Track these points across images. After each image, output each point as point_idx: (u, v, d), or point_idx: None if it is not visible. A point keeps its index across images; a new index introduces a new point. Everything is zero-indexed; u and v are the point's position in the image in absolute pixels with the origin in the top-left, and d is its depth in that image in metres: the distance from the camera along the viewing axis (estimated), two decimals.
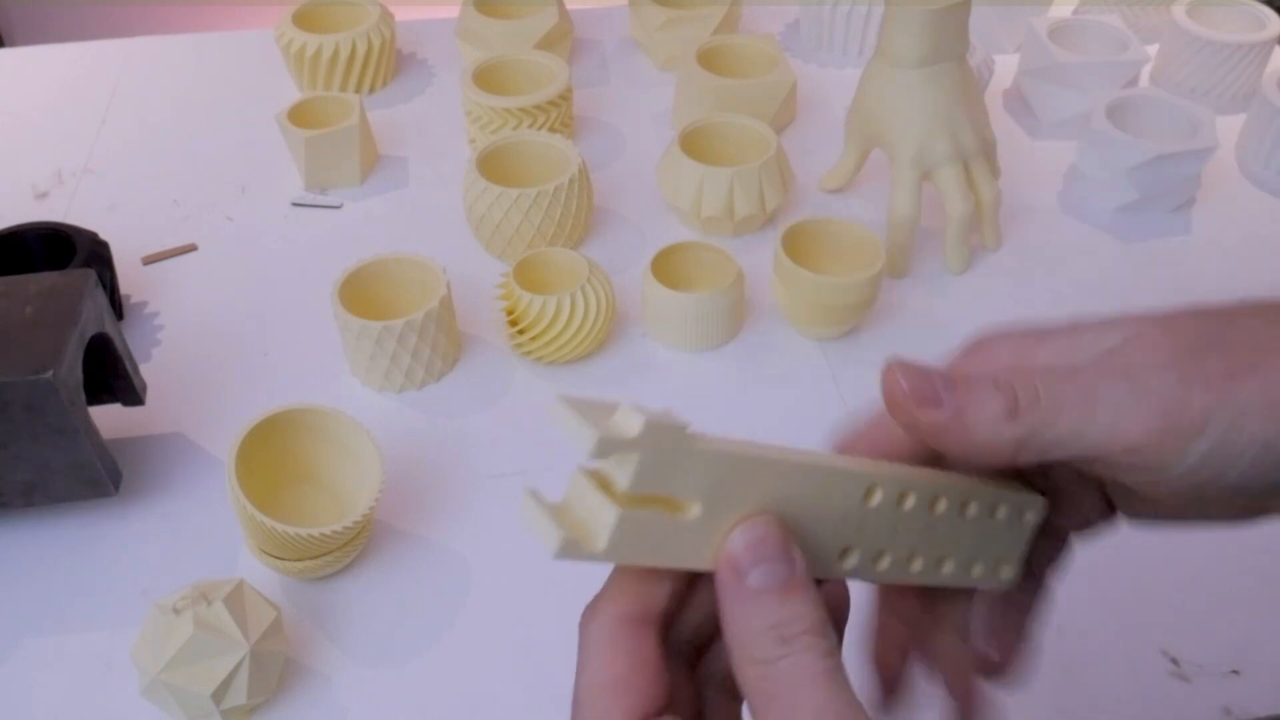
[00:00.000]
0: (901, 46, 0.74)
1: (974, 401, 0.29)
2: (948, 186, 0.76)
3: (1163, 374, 0.28)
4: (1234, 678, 0.57)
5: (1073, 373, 0.29)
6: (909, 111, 0.75)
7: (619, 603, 0.29)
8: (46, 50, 1.10)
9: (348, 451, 0.61)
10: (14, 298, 0.60)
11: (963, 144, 0.76)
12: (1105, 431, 0.28)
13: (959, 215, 0.77)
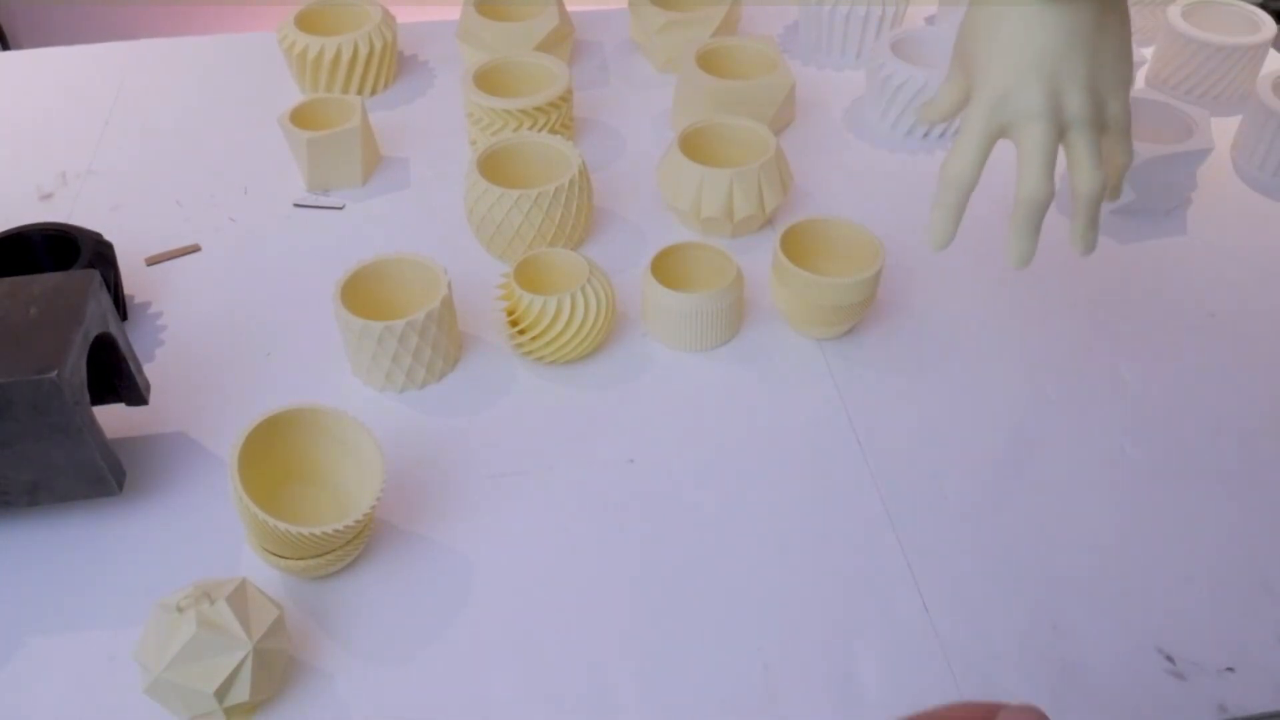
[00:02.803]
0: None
1: None
2: (1028, 149, 0.57)
3: None
4: (1229, 675, 0.57)
5: None
6: (1005, 48, 0.58)
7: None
8: (51, 53, 1.11)
9: (349, 451, 0.62)
10: (18, 298, 0.60)
11: (1068, 105, 0.57)
12: None
13: (1027, 195, 0.57)
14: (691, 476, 0.67)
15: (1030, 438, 0.70)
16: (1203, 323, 0.78)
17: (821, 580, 0.62)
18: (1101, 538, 0.64)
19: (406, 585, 0.61)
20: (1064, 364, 0.75)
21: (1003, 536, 0.63)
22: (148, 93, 1.03)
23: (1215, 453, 0.69)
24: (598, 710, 0.56)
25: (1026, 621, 0.59)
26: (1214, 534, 0.64)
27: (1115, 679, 0.57)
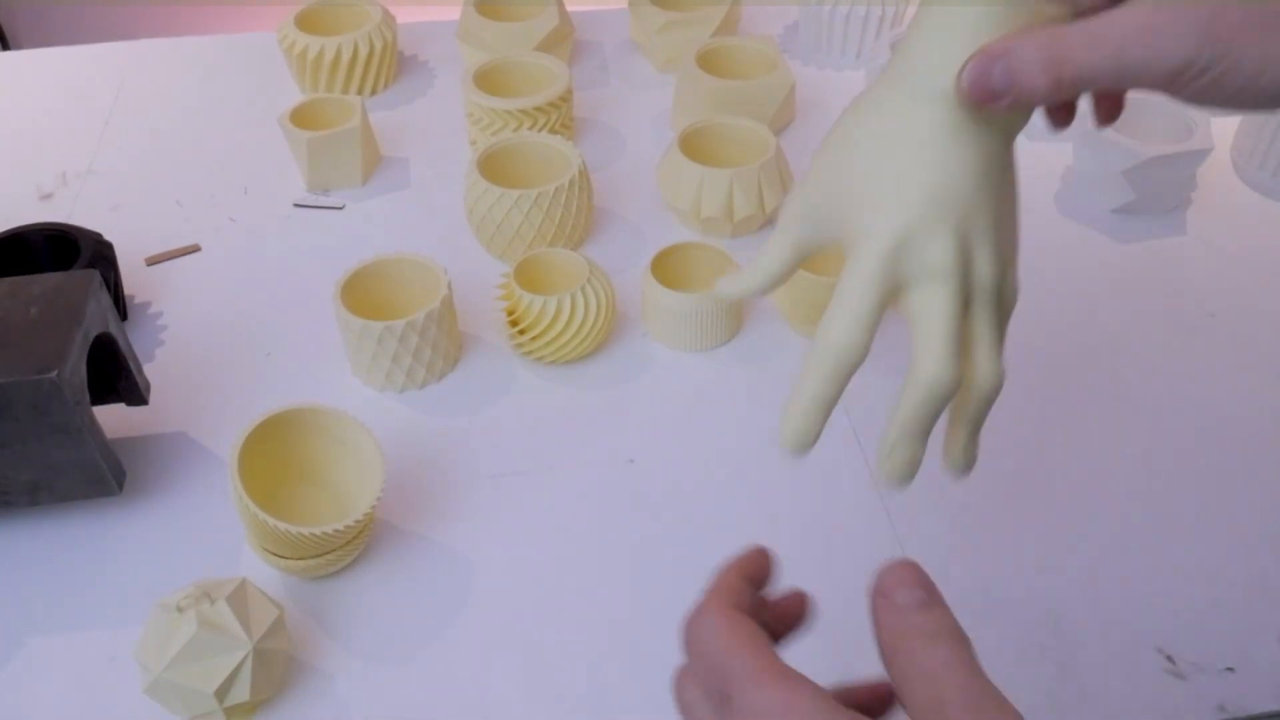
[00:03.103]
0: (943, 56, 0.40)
1: (1026, 89, 0.37)
2: (932, 320, 0.41)
3: (1183, 35, 0.35)
4: (1229, 675, 0.57)
5: (1108, 42, 0.36)
6: (904, 178, 0.40)
7: (721, 601, 0.34)
8: (51, 53, 1.11)
9: (349, 451, 0.62)
10: (19, 298, 0.60)
11: (979, 263, 0.41)
12: (1129, 84, 0.37)
13: (930, 380, 0.41)
14: (691, 476, 0.67)
15: (1030, 437, 0.70)
16: (1203, 323, 0.78)
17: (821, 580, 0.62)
18: (1101, 538, 0.64)
19: (406, 585, 0.61)
20: (1064, 363, 0.75)
21: (1002, 536, 0.63)
22: (148, 93, 1.03)
23: (1215, 453, 0.69)
24: (598, 710, 0.56)
25: (1026, 621, 0.59)
26: (1214, 534, 0.64)
27: (1115, 679, 0.57)
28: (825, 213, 0.43)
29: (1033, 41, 0.37)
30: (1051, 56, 0.37)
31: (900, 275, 0.40)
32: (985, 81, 0.38)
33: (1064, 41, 0.37)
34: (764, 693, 0.30)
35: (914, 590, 0.32)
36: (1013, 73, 0.37)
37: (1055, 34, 0.37)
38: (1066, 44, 0.37)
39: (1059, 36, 0.37)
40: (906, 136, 0.40)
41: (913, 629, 0.31)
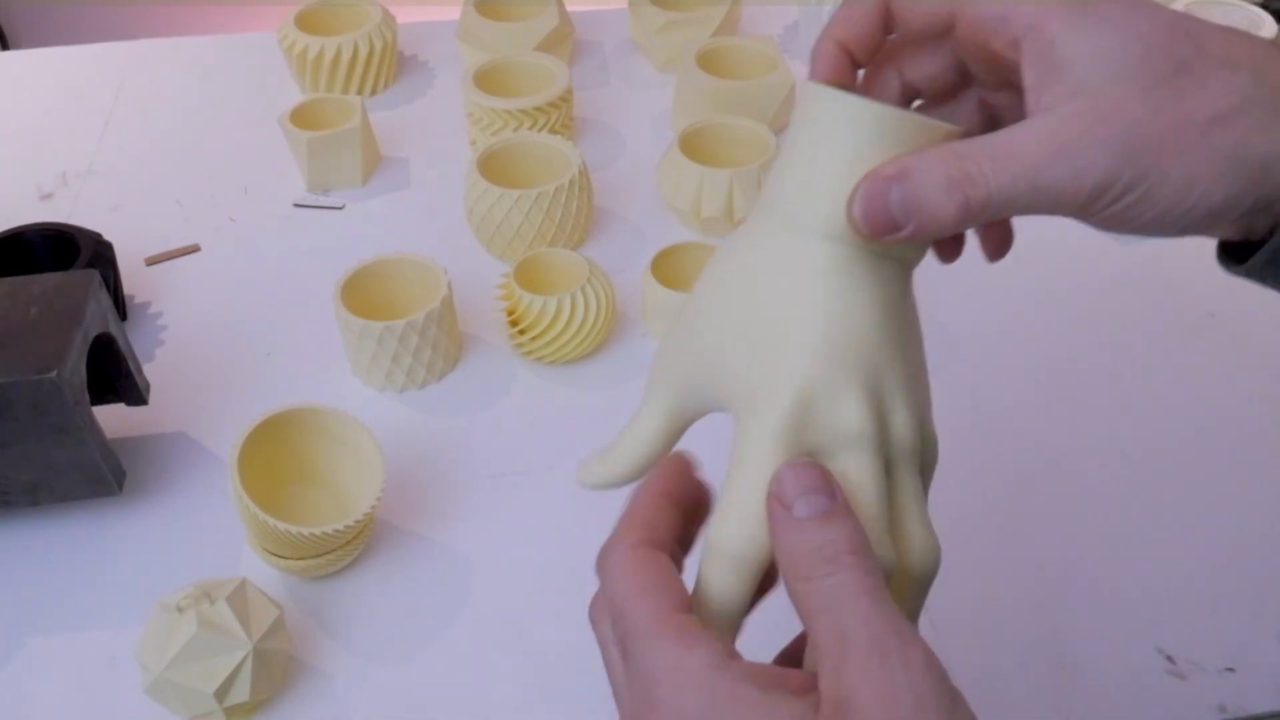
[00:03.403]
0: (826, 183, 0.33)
1: (929, 217, 0.31)
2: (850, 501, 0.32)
3: (1104, 151, 0.31)
4: (1229, 675, 0.57)
5: (1020, 161, 0.31)
6: (809, 322, 0.33)
7: (631, 534, 0.32)
8: (51, 53, 1.11)
9: (349, 451, 0.62)
10: (18, 298, 0.60)
11: (896, 421, 0.34)
12: (1047, 207, 0.32)
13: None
14: None
15: (1030, 438, 0.70)
16: (1203, 323, 0.78)
17: None
18: (1101, 538, 0.64)
19: (406, 585, 0.61)
20: (1064, 364, 0.75)
21: (1002, 536, 0.63)
22: (148, 93, 1.03)
23: (1215, 453, 0.69)
24: (598, 710, 0.56)
25: (1026, 621, 0.59)
26: (1214, 534, 0.64)
27: (1115, 679, 0.57)
28: (701, 376, 0.36)
29: (933, 160, 0.31)
30: (956, 177, 0.31)
31: (806, 447, 0.32)
32: (881, 210, 0.31)
33: (969, 160, 0.31)
34: (655, 650, 0.29)
35: (815, 499, 0.29)
36: (913, 198, 0.31)
37: (957, 151, 0.32)
38: (972, 162, 0.31)
39: (962, 154, 0.31)
40: (792, 282, 0.33)
41: (812, 549, 0.29)
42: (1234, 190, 0.31)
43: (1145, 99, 0.31)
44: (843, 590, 0.28)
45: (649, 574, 0.30)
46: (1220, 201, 0.31)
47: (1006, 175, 0.31)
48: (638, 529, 0.32)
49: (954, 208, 0.31)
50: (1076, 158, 0.31)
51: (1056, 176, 0.31)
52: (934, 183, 0.31)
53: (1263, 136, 0.31)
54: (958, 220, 0.31)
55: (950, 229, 0.32)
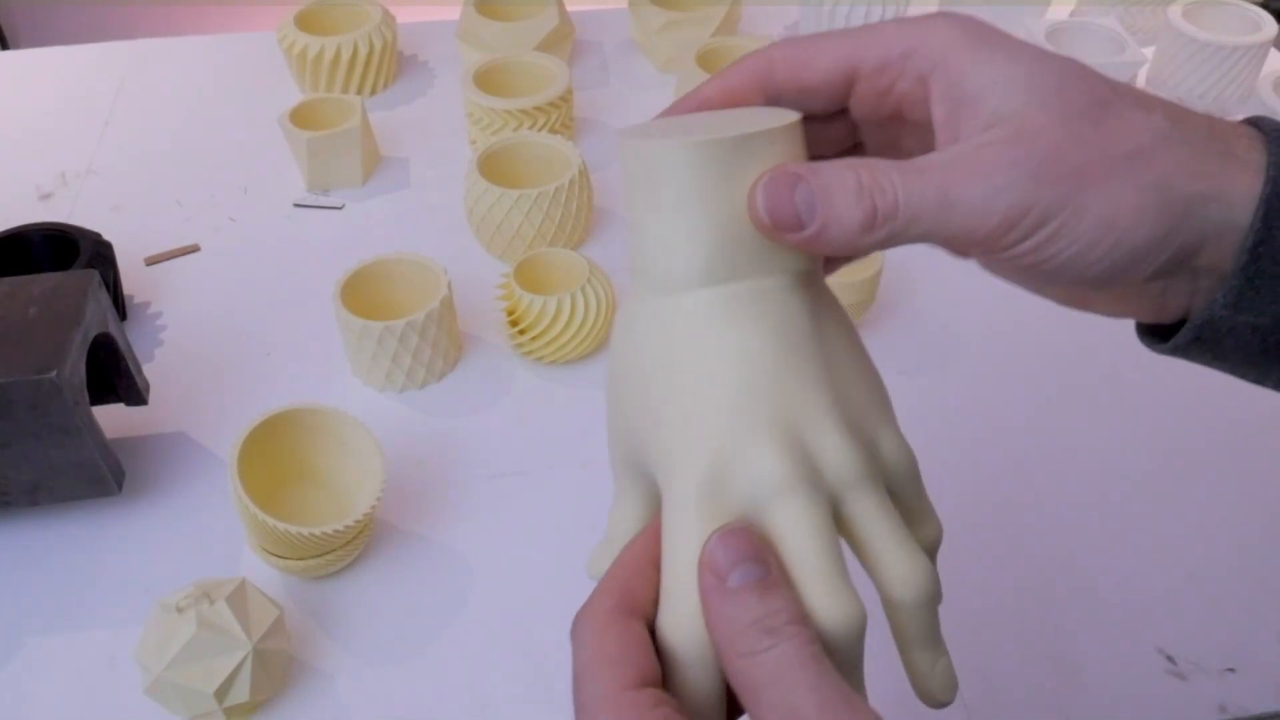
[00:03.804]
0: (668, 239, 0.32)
1: (834, 218, 0.30)
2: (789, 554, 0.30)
3: (1018, 173, 0.29)
4: (1229, 675, 0.57)
5: (930, 175, 0.30)
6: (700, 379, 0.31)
7: (605, 600, 0.30)
8: (51, 52, 1.11)
9: (349, 451, 0.62)
10: (18, 298, 0.60)
11: (827, 455, 0.31)
12: (956, 231, 0.30)
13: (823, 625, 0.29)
14: None
15: (1030, 437, 0.70)
16: None
17: None
18: (1101, 538, 0.64)
19: (406, 585, 0.61)
20: (1064, 364, 0.75)
21: (1003, 536, 0.63)
22: (148, 92, 1.03)
23: (1216, 453, 0.69)
24: None
25: (1026, 621, 0.59)
26: (1214, 534, 0.64)
27: (1115, 679, 0.57)
28: (635, 454, 0.34)
29: (842, 165, 0.30)
30: (866, 183, 0.29)
31: (731, 510, 0.30)
32: (786, 205, 0.29)
33: (879, 169, 0.30)
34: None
35: (749, 567, 0.28)
36: (819, 198, 0.29)
37: (867, 161, 0.30)
38: (882, 172, 0.29)
39: (872, 164, 0.30)
40: (673, 342, 0.31)
41: (751, 621, 0.27)
42: (1158, 230, 0.29)
43: (1063, 127, 0.29)
44: (787, 661, 0.27)
45: (613, 644, 0.29)
46: (1144, 240, 0.29)
47: (916, 188, 0.29)
48: (613, 594, 0.30)
49: (861, 214, 0.29)
50: (989, 177, 0.29)
51: (968, 195, 0.29)
52: (842, 185, 0.30)
53: (1185, 175, 0.29)
54: (863, 226, 0.29)
55: (854, 237, 0.30)
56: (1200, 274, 0.32)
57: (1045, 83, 0.30)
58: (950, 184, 0.29)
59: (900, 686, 0.37)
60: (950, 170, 0.29)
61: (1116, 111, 0.30)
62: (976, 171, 0.29)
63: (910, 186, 0.29)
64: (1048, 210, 0.29)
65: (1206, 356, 0.33)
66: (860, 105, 0.34)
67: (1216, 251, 0.30)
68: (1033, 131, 0.29)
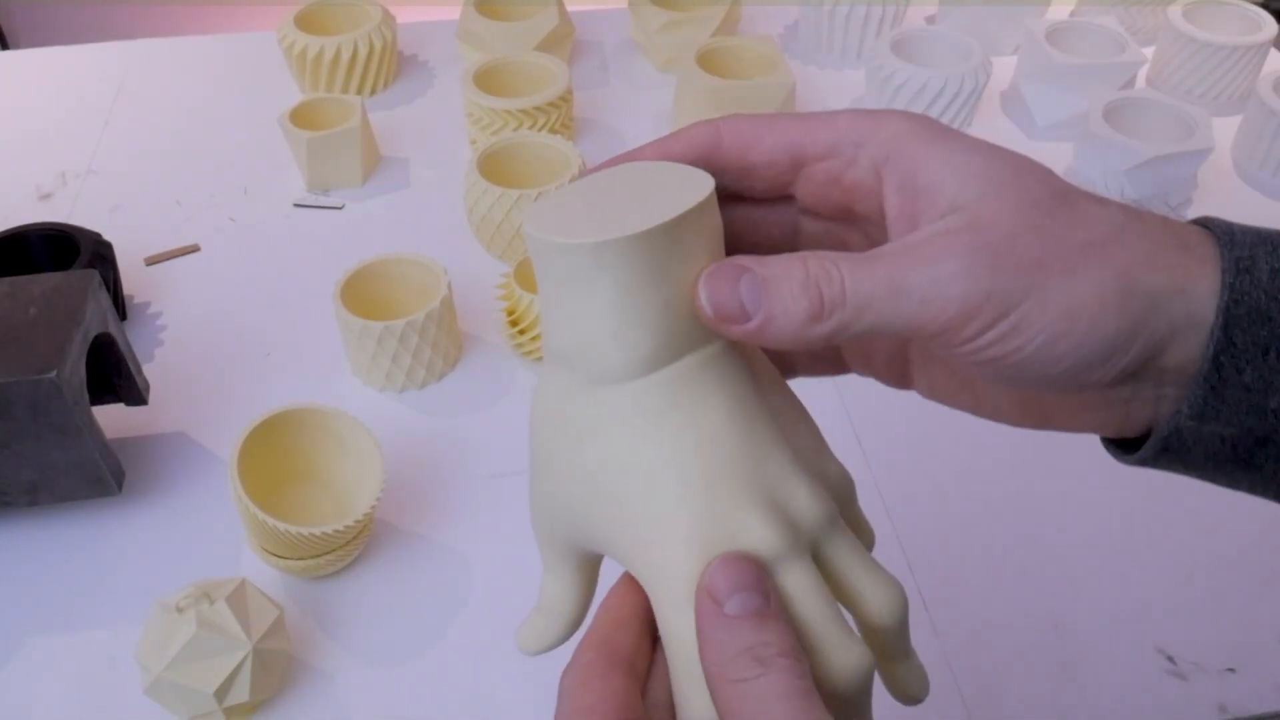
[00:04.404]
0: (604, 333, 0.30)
1: (780, 309, 0.28)
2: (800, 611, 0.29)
3: (973, 259, 0.28)
4: (1230, 675, 0.57)
5: (880, 263, 0.28)
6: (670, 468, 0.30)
7: (588, 653, 0.30)
8: (51, 52, 1.11)
9: (349, 451, 0.62)
10: (18, 298, 0.60)
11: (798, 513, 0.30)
12: (909, 321, 0.28)
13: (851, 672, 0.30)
14: None
15: (1031, 437, 0.70)
16: None
17: None
18: (1101, 538, 0.64)
19: (406, 585, 0.61)
20: None
21: (1003, 536, 0.63)
22: (147, 92, 1.03)
23: None
24: None
25: (1026, 621, 0.59)
26: (1214, 534, 0.64)
27: (1115, 679, 0.57)
28: (571, 534, 0.33)
29: (788, 258, 0.29)
30: (813, 272, 0.28)
31: None
32: (729, 298, 0.29)
33: (826, 260, 0.28)
34: None
35: (749, 596, 0.27)
36: (764, 289, 0.28)
37: (815, 253, 0.29)
38: (830, 262, 0.28)
39: (820, 255, 0.29)
40: (619, 436, 0.30)
41: (743, 649, 0.27)
42: (1124, 323, 0.28)
43: (1020, 216, 0.28)
44: (774, 691, 0.26)
45: (592, 696, 0.28)
46: (1110, 333, 0.28)
47: (864, 276, 0.28)
48: (595, 648, 0.30)
49: (807, 303, 0.28)
50: (942, 263, 0.28)
51: (919, 281, 0.28)
52: (788, 275, 0.28)
53: (1146, 267, 0.28)
54: (809, 316, 0.28)
55: (800, 329, 0.28)
56: (1166, 377, 0.30)
57: (1001, 174, 0.29)
58: (900, 271, 0.28)
59: None
60: (901, 257, 0.28)
61: (1073, 202, 0.29)
62: (928, 258, 0.28)
63: (858, 274, 0.28)
64: (1008, 299, 0.28)
65: (1176, 466, 0.32)
66: (807, 192, 0.33)
67: (1182, 350, 0.29)
68: (988, 220, 0.28)
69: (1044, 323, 0.28)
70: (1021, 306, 0.28)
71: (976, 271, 0.27)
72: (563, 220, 0.30)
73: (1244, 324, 0.28)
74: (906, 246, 0.29)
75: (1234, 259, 0.29)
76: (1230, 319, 0.28)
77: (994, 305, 0.28)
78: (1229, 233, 0.30)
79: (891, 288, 0.28)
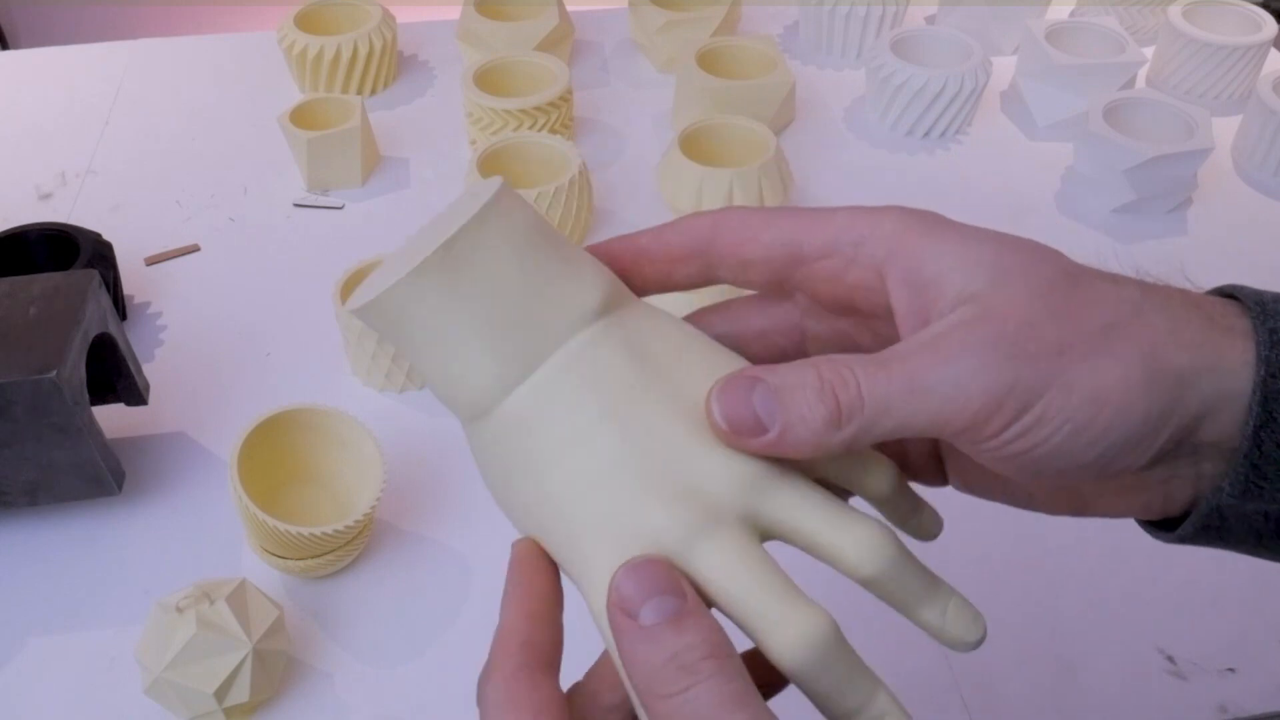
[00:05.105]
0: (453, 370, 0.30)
1: (797, 418, 0.28)
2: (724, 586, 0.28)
3: (992, 352, 0.27)
4: (1229, 675, 0.57)
5: (895, 364, 0.28)
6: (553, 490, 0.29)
7: (508, 659, 0.28)
8: (51, 52, 1.11)
9: (349, 451, 0.62)
10: (18, 298, 0.60)
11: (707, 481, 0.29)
12: (931, 420, 0.27)
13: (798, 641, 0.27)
14: None
15: None
16: None
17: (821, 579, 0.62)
18: (1102, 537, 0.64)
19: (406, 585, 0.61)
20: None
21: (1003, 536, 0.63)
22: (147, 92, 1.03)
23: None
24: None
25: (1027, 622, 0.59)
26: None
27: (1115, 679, 0.57)
28: None
29: (799, 365, 0.28)
30: (827, 378, 0.27)
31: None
32: (745, 411, 0.28)
33: (840, 364, 0.28)
34: None
35: (663, 601, 0.26)
36: (778, 400, 0.28)
37: (827, 357, 0.28)
38: (844, 365, 0.28)
39: (833, 359, 0.28)
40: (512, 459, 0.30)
41: (667, 659, 0.25)
42: (1153, 406, 0.27)
43: (1035, 302, 0.27)
44: (707, 700, 0.25)
45: (522, 708, 0.27)
46: (1140, 417, 0.27)
47: (880, 379, 0.27)
48: (515, 652, 0.28)
49: (824, 410, 0.27)
50: (961, 359, 0.27)
51: (939, 379, 0.27)
52: (801, 383, 0.28)
53: (1171, 345, 0.27)
54: (828, 424, 0.27)
55: (820, 437, 0.27)
56: (1202, 453, 0.29)
57: (1010, 260, 0.28)
58: (919, 371, 0.27)
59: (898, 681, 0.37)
60: (917, 356, 0.27)
61: (1087, 283, 0.29)
62: (946, 355, 0.27)
63: (874, 378, 0.27)
64: (1031, 390, 0.27)
65: (1216, 542, 0.31)
66: (810, 290, 0.32)
67: (1216, 428, 0.28)
68: (1003, 308, 0.27)
69: (1070, 411, 0.27)
70: (1045, 397, 0.27)
71: (996, 363, 0.27)
72: (371, 287, 0.29)
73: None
74: (922, 344, 0.28)
75: (1268, 330, 0.28)
76: (1269, 393, 0.27)
77: (1017, 398, 0.27)
78: (1260, 303, 0.29)
79: (910, 388, 0.27)
